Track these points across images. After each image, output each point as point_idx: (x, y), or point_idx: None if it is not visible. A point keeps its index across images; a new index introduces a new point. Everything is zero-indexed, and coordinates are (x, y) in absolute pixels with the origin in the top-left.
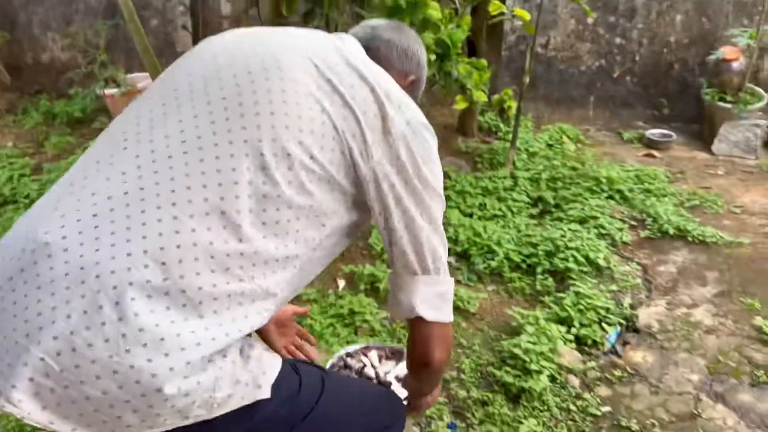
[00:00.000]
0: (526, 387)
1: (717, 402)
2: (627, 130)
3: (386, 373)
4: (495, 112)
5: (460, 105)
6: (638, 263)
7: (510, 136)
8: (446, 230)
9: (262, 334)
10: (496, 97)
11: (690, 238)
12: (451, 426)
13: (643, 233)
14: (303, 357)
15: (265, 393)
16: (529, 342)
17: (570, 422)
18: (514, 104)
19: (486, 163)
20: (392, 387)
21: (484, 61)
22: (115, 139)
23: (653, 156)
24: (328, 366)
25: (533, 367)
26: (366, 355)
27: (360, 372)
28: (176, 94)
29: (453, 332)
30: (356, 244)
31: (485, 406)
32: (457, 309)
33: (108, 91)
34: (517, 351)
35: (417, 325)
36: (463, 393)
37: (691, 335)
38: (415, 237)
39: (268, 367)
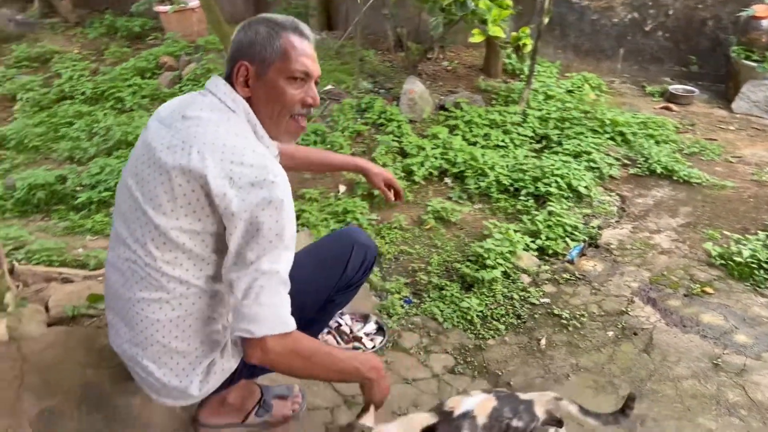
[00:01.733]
0: (479, 277)
1: (647, 304)
2: (652, 84)
3: (357, 330)
4: (513, 51)
5: (476, 38)
6: (619, 194)
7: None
8: (446, 154)
9: (367, 176)
10: (513, 34)
11: (676, 178)
12: (407, 301)
13: (632, 170)
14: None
15: None
16: (493, 244)
17: (509, 307)
18: (530, 43)
19: (501, 100)
20: (362, 340)
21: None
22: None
23: (670, 109)
24: None
25: (489, 263)
26: (342, 317)
27: (337, 329)
28: (125, 197)
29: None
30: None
31: (441, 290)
32: (441, 219)
33: (161, 8)
34: (480, 251)
35: None
36: (425, 279)
37: (645, 254)
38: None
39: None
